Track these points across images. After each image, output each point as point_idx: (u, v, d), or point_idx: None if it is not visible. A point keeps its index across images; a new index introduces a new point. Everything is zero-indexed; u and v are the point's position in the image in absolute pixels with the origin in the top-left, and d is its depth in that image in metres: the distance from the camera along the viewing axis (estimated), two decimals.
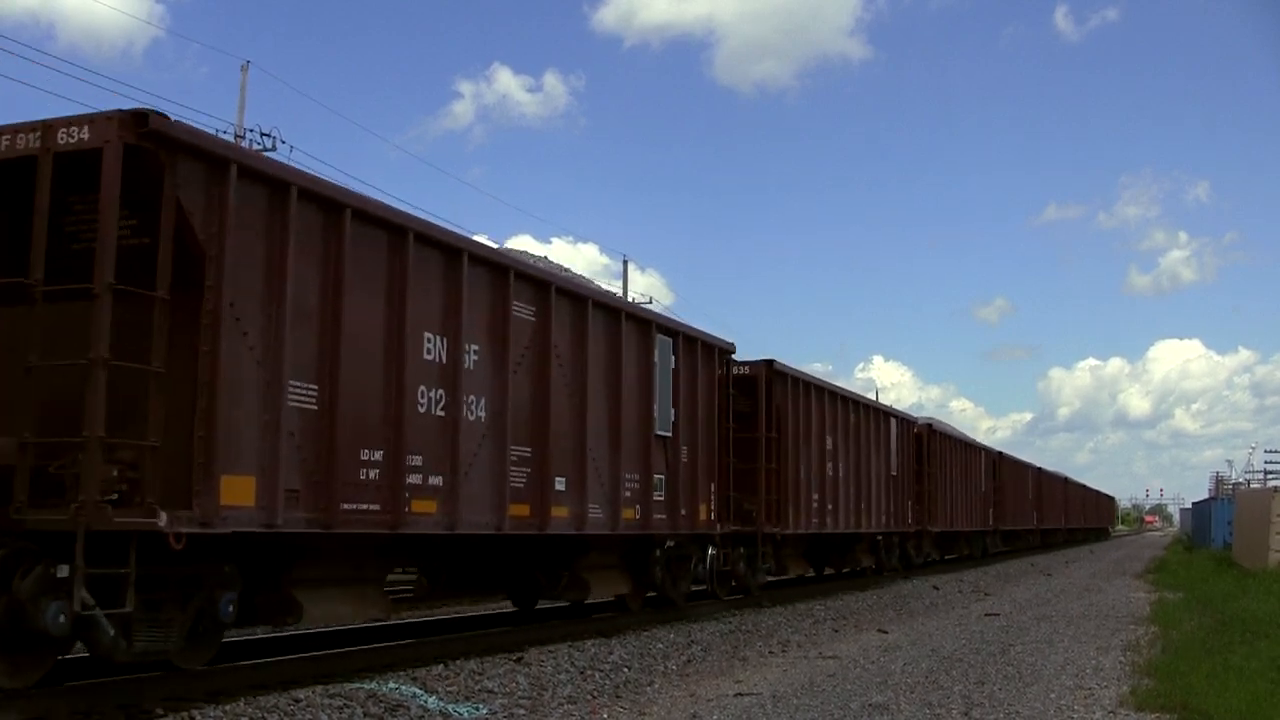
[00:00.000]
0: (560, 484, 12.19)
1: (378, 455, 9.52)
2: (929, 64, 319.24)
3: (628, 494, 13.69)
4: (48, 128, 7.71)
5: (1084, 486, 72.19)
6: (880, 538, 25.58)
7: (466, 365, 10.70)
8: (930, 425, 30.63)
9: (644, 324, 14.43)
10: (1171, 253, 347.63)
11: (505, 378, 11.30)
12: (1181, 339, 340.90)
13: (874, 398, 35.92)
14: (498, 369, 11.22)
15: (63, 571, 7.24)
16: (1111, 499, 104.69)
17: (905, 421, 28.01)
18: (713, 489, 16.15)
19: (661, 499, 14.53)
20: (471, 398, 10.77)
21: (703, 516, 15.79)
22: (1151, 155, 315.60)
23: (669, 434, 14.80)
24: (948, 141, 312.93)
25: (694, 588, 16.97)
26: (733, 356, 17.36)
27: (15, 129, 7.83)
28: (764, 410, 18.49)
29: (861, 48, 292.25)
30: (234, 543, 8.46)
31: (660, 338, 14.70)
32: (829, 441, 21.31)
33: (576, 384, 12.66)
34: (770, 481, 18.43)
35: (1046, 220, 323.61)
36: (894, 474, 25.81)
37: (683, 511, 15.11)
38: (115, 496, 7.40)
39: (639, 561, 15.05)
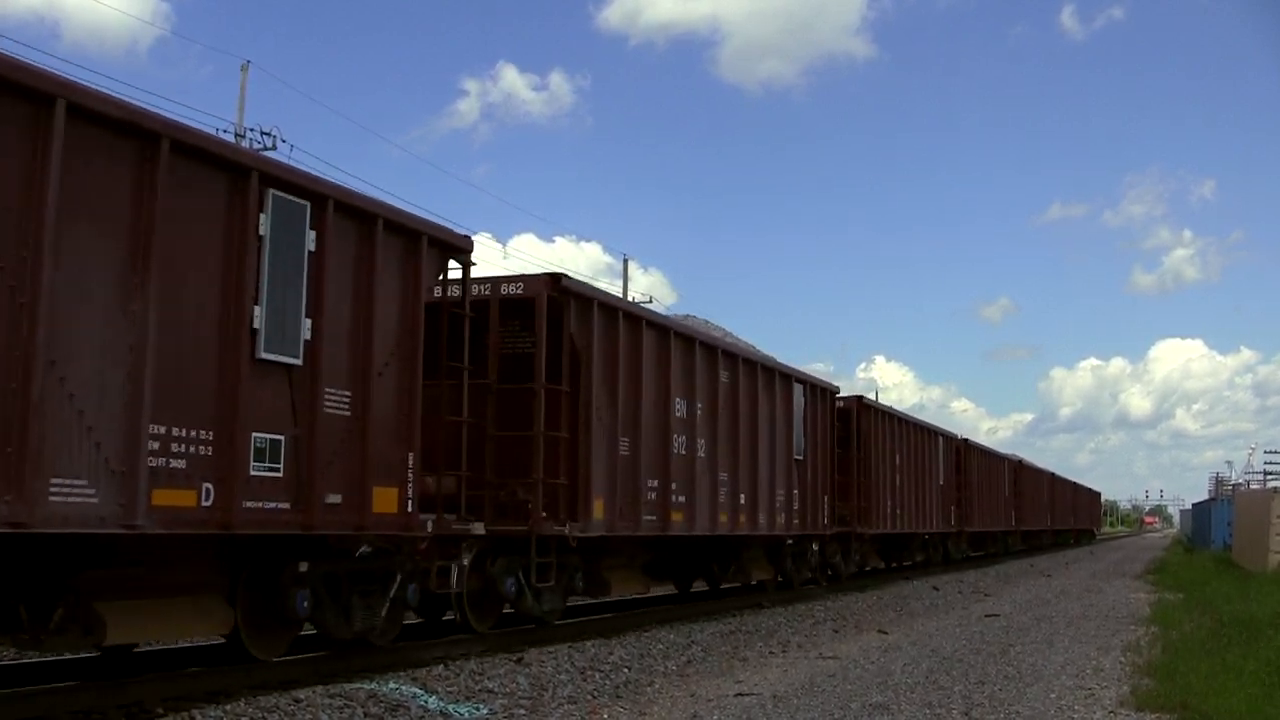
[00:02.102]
0: (743, 499, 17.01)
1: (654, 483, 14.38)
2: (934, 63, 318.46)
3: (777, 504, 18.51)
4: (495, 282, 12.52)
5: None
6: (927, 537, 30.55)
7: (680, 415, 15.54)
8: (968, 440, 35.35)
9: (786, 377, 19.22)
10: (1175, 251, 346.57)
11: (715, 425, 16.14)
12: (1183, 339, 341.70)
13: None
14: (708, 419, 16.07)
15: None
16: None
17: (950, 439, 32.88)
18: (825, 499, 20.97)
19: (796, 508, 19.34)
20: (700, 440, 15.59)
21: (822, 520, 20.63)
22: (1157, 154, 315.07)
23: (802, 458, 19.63)
24: (952, 140, 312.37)
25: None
26: (836, 395, 22.21)
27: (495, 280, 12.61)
28: (856, 436, 23.34)
29: (866, 46, 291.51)
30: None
31: (797, 385, 19.51)
32: (897, 459, 26.19)
33: (750, 424, 17.48)
34: (860, 491, 23.28)
35: (1050, 219, 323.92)
36: (941, 484, 30.68)
37: (809, 517, 19.94)
38: (545, 515, 12.19)
39: (775, 554, 19.89)
